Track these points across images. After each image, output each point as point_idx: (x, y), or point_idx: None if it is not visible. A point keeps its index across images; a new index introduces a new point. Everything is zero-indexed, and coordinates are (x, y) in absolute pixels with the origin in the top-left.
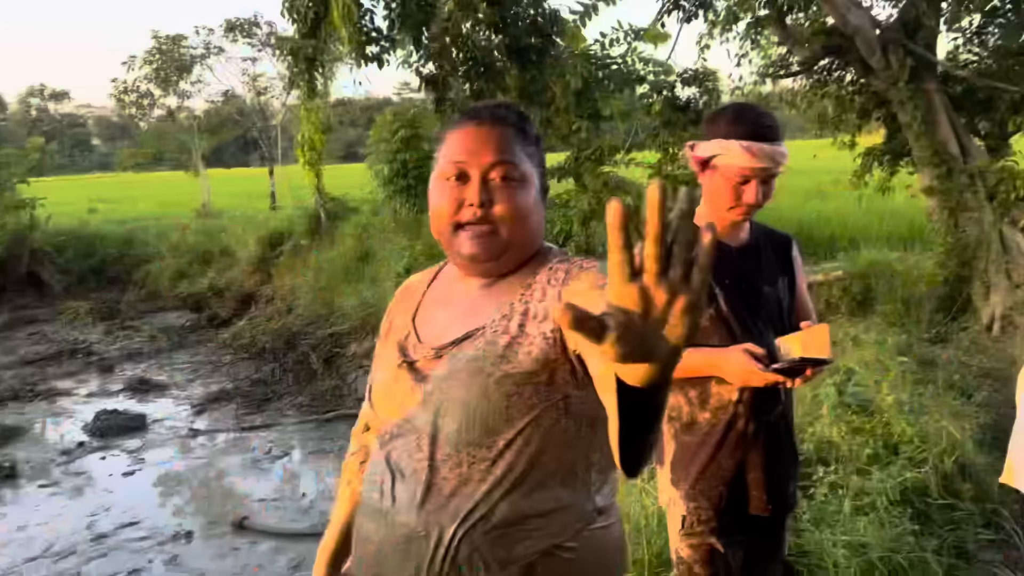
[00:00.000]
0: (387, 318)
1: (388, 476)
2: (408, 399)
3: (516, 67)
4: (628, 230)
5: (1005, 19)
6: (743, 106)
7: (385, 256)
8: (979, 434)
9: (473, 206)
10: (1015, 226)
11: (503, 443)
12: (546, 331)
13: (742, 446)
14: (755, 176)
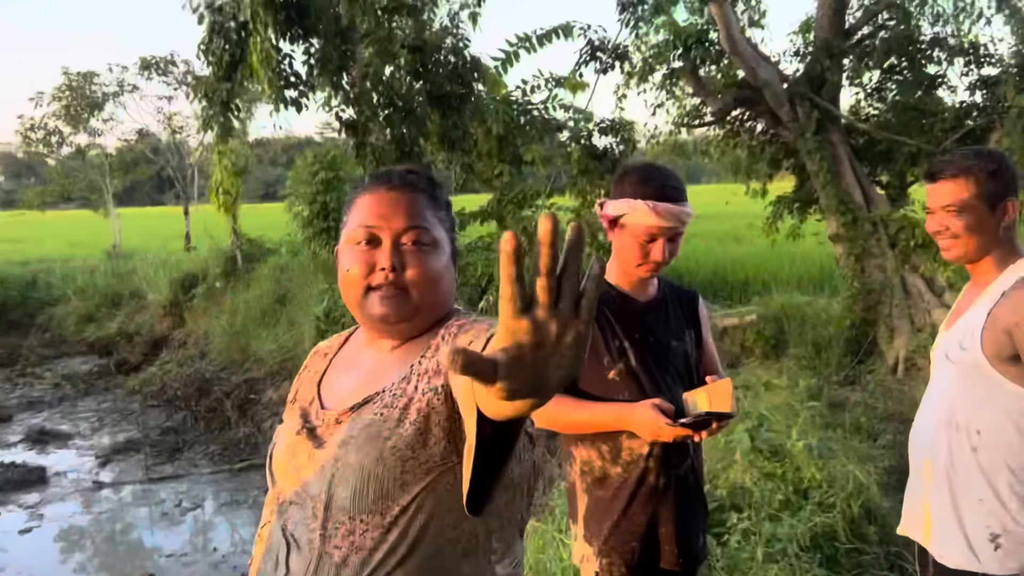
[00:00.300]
0: (295, 384)
1: (283, 546)
2: (305, 467)
3: (437, 113)
4: (521, 261)
5: (902, 76)
6: (650, 167)
7: (304, 299)
8: (884, 477)
9: (385, 270)
10: (916, 272)
11: (397, 509)
12: (436, 386)
13: (654, 500)
14: (662, 235)
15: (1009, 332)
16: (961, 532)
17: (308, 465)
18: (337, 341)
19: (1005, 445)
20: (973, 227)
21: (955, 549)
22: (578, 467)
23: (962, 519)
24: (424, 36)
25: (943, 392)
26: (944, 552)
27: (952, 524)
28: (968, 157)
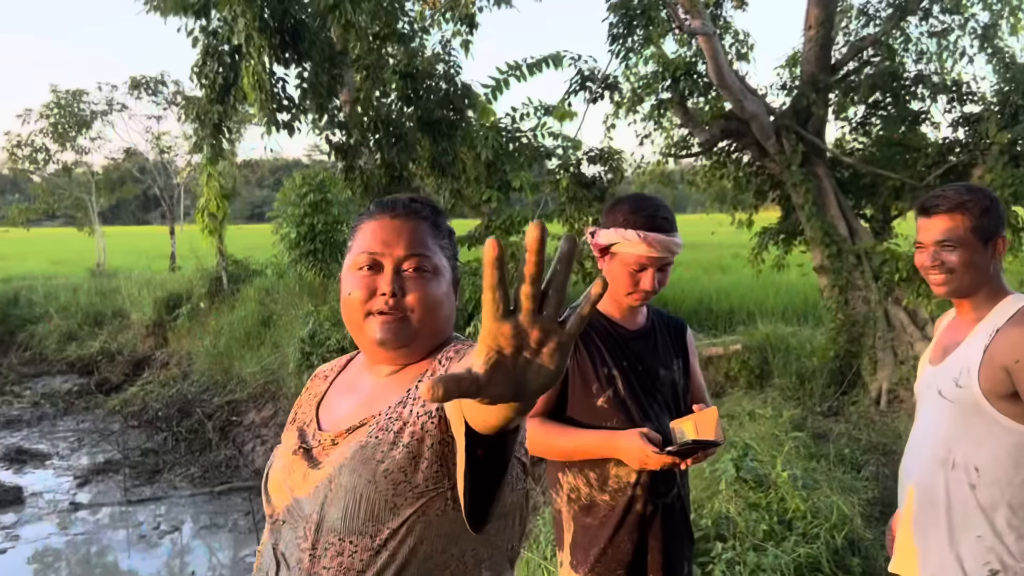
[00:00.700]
0: (295, 405)
1: (274, 565)
2: (299, 486)
3: (427, 138)
4: (503, 268)
5: (886, 111)
6: (641, 197)
7: (289, 321)
8: (867, 509)
9: (385, 295)
10: (899, 305)
11: (387, 532)
12: (431, 410)
13: (641, 528)
14: (652, 264)
15: (1008, 369)
16: (960, 569)
17: (302, 485)
18: (338, 364)
19: (1004, 482)
20: (968, 262)
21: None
22: (565, 494)
23: (961, 557)
24: (415, 63)
25: (937, 429)
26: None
27: (951, 562)
28: (962, 193)
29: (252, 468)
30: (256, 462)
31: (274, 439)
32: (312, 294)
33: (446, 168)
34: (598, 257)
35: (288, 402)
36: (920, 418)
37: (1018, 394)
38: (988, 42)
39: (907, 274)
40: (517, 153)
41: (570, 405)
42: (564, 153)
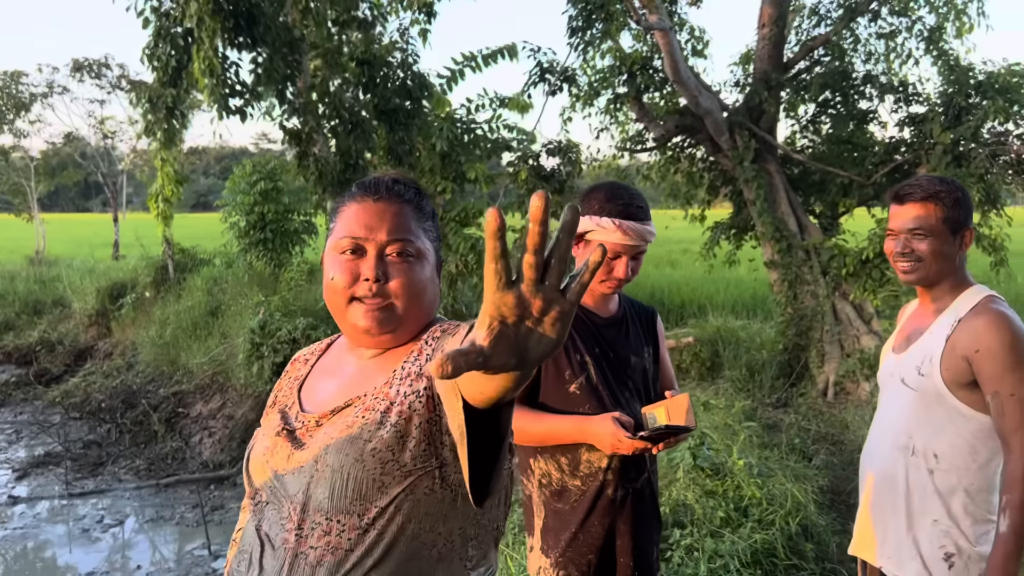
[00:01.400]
0: (275, 390)
1: (257, 546)
2: (283, 467)
3: (384, 127)
4: (504, 239)
5: (836, 110)
6: (616, 185)
7: (238, 311)
8: (819, 496)
9: (369, 281)
10: (846, 299)
11: (375, 511)
12: (419, 389)
13: (611, 513)
14: (626, 253)
15: (968, 359)
16: (917, 553)
17: (286, 466)
18: (319, 348)
19: (961, 468)
20: (936, 251)
21: (911, 569)
22: (536, 480)
23: (918, 540)
24: (373, 50)
25: (899, 416)
26: (900, 572)
27: (908, 545)
28: (935, 183)
29: (199, 460)
30: (204, 454)
31: (222, 430)
32: (262, 284)
33: (403, 157)
34: (573, 249)
35: (237, 393)
36: (882, 406)
37: (977, 383)
38: (934, 44)
39: (854, 269)
40: (472, 145)
41: (543, 391)
42: (520, 145)
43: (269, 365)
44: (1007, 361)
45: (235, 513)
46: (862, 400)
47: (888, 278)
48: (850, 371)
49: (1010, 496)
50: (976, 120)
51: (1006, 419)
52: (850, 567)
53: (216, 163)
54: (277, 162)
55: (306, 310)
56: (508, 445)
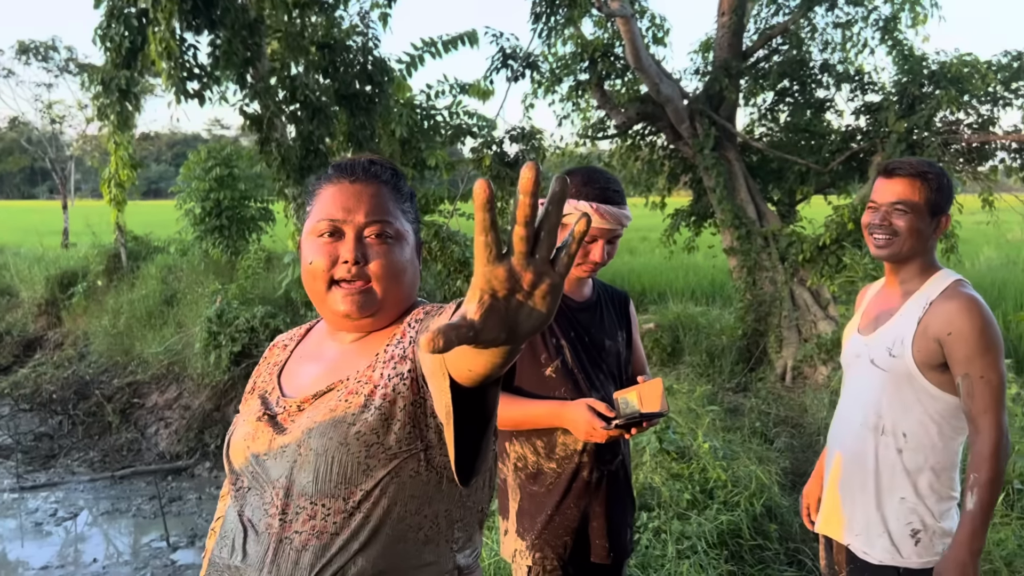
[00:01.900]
0: (253, 377)
1: (240, 531)
2: (265, 452)
3: (345, 112)
4: (494, 211)
5: (793, 98)
6: (593, 170)
7: (194, 300)
8: (782, 477)
9: (348, 263)
10: (803, 285)
11: (360, 494)
12: (403, 372)
13: (587, 495)
14: (602, 236)
15: (940, 341)
16: (885, 530)
17: (268, 451)
18: (298, 333)
19: (928, 447)
20: (913, 229)
21: (879, 546)
22: (512, 463)
23: (885, 517)
24: (334, 34)
25: (868, 396)
26: (868, 549)
27: (877, 523)
28: (924, 165)
29: (156, 451)
30: (160, 445)
31: (179, 421)
32: (219, 272)
33: (364, 143)
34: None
35: (194, 383)
36: (850, 386)
37: (947, 365)
38: (889, 34)
39: (811, 256)
40: (432, 131)
41: (518, 375)
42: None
43: (227, 354)
44: (978, 345)
45: (194, 504)
46: (819, 384)
47: (844, 264)
48: (808, 356)
49: (978, 475)
50: (929, 109)
51: (975, 401)
52: (812, 546)
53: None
54: (233, 148)
55: (264, 298)
56: (493, 426)
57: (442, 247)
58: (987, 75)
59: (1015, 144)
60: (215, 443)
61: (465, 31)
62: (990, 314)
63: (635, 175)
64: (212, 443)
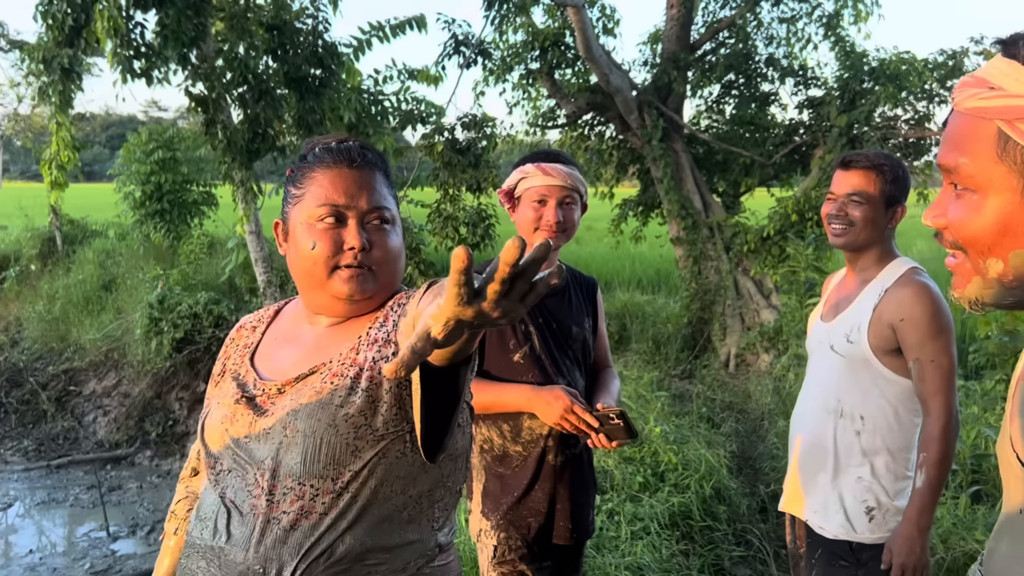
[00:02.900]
0: (221, 359)
1: (223, 513)
2: (247, 434)
3: (294, 95)
4: (470, 273)
5: (739, 91)
6: (545, 149)
7: (134, 285)
8: (729, 461)
9: (354, 249)
10: (747, 275)
11: (349, 475)
12: (387, 355)
13: (552, 478)
14: (552, 195)
15: (893, 327)
16: (841, 507)
17: (250, 433)
18: (267, 315)
19: (885, 429)
20: (869, 219)
21: (835, 522)
22: (478, 445)
23: (843, 495)
24: (282, 15)
25: (828, 381)
26: (824, 524)
27: (834, 500)
28: (881, 157)
29: (94, 440)
30: (98, 433)
31: (118, 409)
32: (160, 257)
33: (313, 127)
34: (509, 210)
35: (134, 370)
36: (812, 371)
37: (901, 350)
38: (832, 30)
39: (755, 246)
40: (380, 116)
41: (487, 360)
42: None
43: (169, 341)
44: (928, 330)
45: (134, 493)
46: (762, 371)
47: (787, 255)
48: (750, 344)
49: (927, 454)
50: (869, 105)
51: (926, 384)
52: (760, 527)
53: (102, 131)
54: (175, 130)
55: (207, 284)
56: (467, 405)
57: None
58: (924, 73)
59: None
60: (156, 431)
61: (413, 16)
62: (942, 300)
63: (584, 165)
64: (153, 431)
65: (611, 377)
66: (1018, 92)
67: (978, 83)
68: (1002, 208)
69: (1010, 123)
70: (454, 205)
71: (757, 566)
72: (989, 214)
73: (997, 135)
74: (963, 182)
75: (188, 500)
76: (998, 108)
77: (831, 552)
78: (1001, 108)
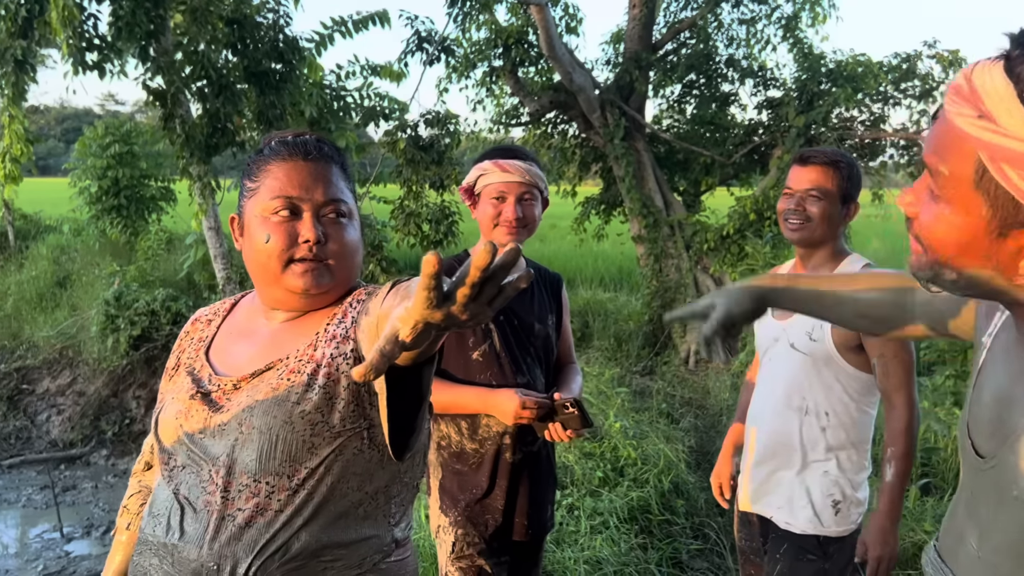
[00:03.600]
0: (175, 352)
1: (176, 509)
2: (201, 430)
3: (255, 90)
4: (440, 278)
5: (700, 91)
6: (503, 145)
7: (89, 281)
8: (688, 456)
9: (309, 242)
10: (707, 272)
11: (305, 472)
12: (346, 351)
13: (508, 474)
14: (510, 191)
15: None
16: (809, 502)
17: (205, 428)
18: (222, 309)
19: (850, 424)
20: (825, 214)
21: (802, 517)
22: (435, 441)
23: (810, 491)
24: (243, 9)
25: (791, 379)
26: (791, 520)
27: (801, 495)
28: (836, 155)
29: (48, 439)
30: (52, 432)
31: (72, 407)
32: (116, 253)
33: (274, 122)
34: (471, 207)
35: (90, 368)
36: (769, 369)
37: (863, 346)
38: (790, 32)
39: (715, 244)
40: (342, 112)
41: (445, 358)
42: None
43: (125, 338)
44: None
45: (89, 493)
46: (720, 368)
47: (746, 253)
48: None
49: (895, 448)
50: (826, 106)
51: (890, 378)
52: (717, 521)
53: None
54: (132, 124)
55: (165, 280)
56: (428, 403)
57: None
58: (879, 75)
59: (903, 141)
60: (112, 430)
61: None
62: None
63: (547, 163)
64: (109, 430)
65: (573, 372)
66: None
67: (971, 99)
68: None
69: (994, 161)
70: (417, 202)
71: (714, 559)
72: (955, 230)
73: (977, 162)
74: (939, 190)
75: (141, 495)
76: (985, 143)
77: (798, 547)
78: (987, 143)
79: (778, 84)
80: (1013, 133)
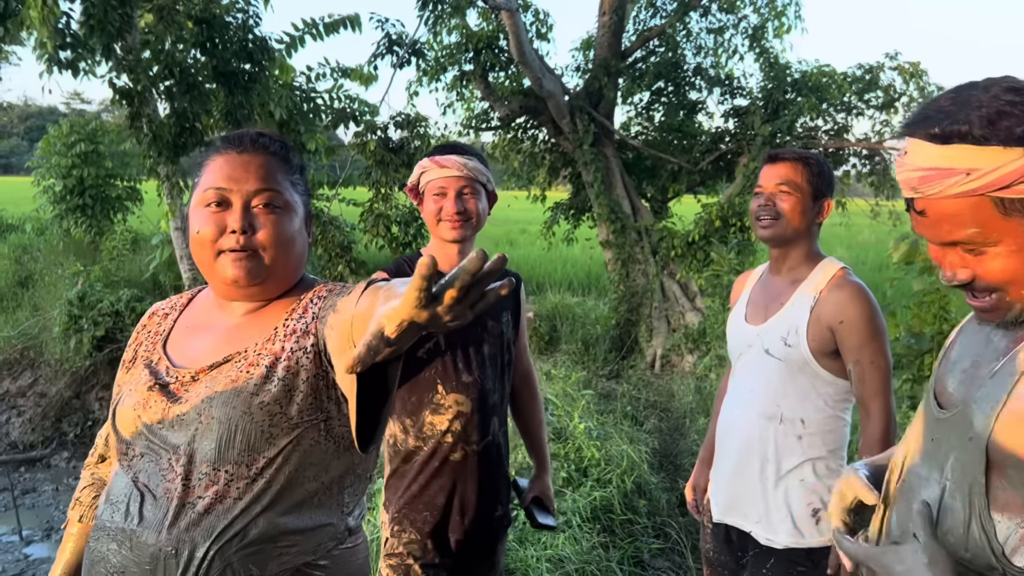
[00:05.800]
0: (131, 345)
1: (136, 496)
2: (159, 420)
3: (223, 90)
4: (432, 279)
5: (668, 99)
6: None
7: (52, 281)
8: (651, 457)
9: (235, 232)
10: (673, 278)
11: (263, 462)
12: (306, 346)
13: (451, 474)
14: (450, 187)
15: (832, 329)
16: (788, 514)
17: (164, 419)
18: (179, 302)
19: (826, 431)
20: (797, 209)
21: (783, 531)
22: (385, 439)
23: (789, 502)
24: (212, 8)
25: (765, 386)
26: (772, 535)
27: (779, 507)
28: (805, 152)
29: (7, 441)
30: (12, 434)
31: (33, 409)
32: (80, 253)
33: (242, 123)
34: (419, 206)
35: (52, 369)
36: (742, 375)
37: (839, 352)
38: (757, 42)
39: (681, 251)
40: (312, 114)
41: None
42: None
43: (89, 339)
44: (867, 332)
45: (50, 496)
46: (686, 371)
47: (711, 259)
48: (675, 345)
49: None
50: (791, 115)
51: (866, 385)
52: (679, 520)
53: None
54: (98, 123)
55: (130, 281)
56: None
57: (323, 232)
58: (843, 85)
59: (865, 151)
60: (74, 432)
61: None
62: (876, 302)
63: (517, 168)
64: (71, 432)
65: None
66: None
67: (948, 174)
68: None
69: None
70: (386, 204)
71: (675, 558)
72: (1016, 256)
73: (991, 202)
74: (980, 245)
75: (94, 487)
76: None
77: (787, 560)
78: (991, 183)
79: (744, 93)
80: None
